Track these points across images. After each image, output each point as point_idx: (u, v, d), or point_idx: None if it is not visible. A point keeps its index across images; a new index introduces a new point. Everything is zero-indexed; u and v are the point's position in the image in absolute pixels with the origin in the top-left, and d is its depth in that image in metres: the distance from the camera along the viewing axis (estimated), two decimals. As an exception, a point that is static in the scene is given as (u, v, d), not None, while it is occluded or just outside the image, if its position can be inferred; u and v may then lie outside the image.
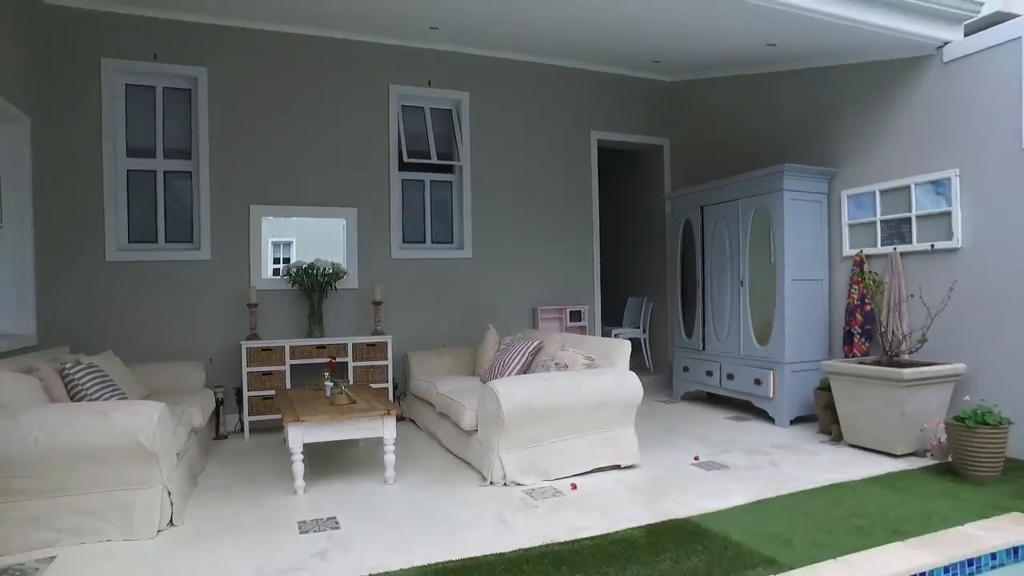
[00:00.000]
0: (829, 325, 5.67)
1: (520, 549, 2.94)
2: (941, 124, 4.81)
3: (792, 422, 5.51)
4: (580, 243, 7.20)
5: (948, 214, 4.72)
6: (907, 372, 4.30)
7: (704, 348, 6.43)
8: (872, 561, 2.75)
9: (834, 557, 2.78)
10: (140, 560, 2.93)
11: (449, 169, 6.76)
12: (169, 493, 3.30)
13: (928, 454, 4.40)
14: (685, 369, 6.70)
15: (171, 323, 5.61)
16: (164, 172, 5.78)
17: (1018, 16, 4.42)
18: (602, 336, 6.87)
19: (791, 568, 2.68)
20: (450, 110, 6.75)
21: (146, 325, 5.52)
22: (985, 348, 4.50)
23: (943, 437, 4.25)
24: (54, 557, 2.94)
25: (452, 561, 2.81)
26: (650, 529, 3.17)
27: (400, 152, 6.40)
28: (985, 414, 3.92)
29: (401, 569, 2.74)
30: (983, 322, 4.52)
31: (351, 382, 5.52)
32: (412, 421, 5.86)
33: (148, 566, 2.86)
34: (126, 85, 5.64)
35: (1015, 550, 2.97)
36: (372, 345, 5.82)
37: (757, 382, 5.71)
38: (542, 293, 6.98)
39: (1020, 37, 4.29)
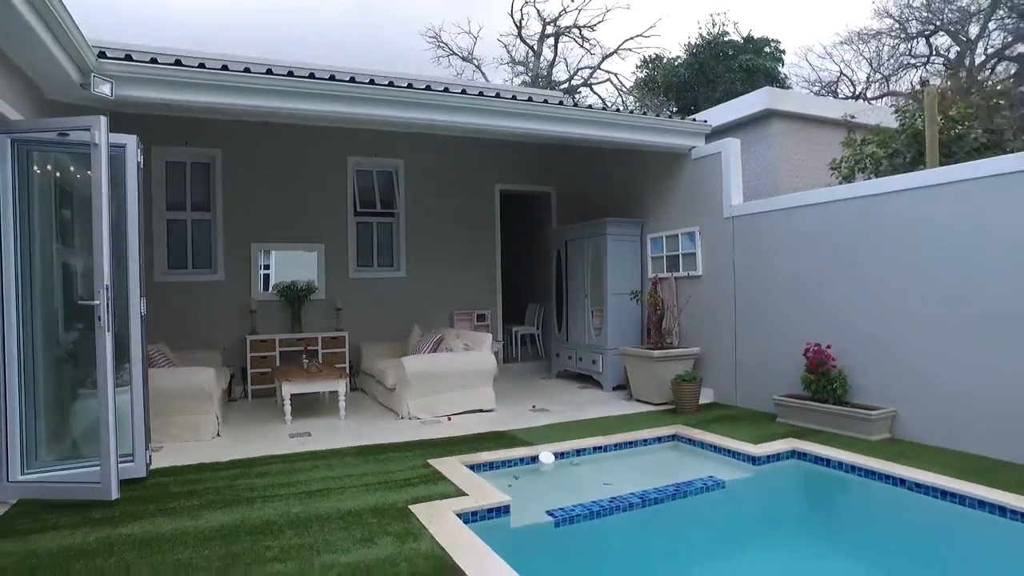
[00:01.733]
0: (640, 324, 8.53)
1: (410, 441, 5.73)
2: (692, 197, 7.70)
3: (614, 388, 8.35)
4: (486, 264, 10.02)
5: (695, 254, 7.61)
6: (656, 353, 7.17)
7: (568, 339, 9.28)
8: (579, 442, 5.58)
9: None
10: (205, 448, 5.66)
11: (390, 214, 9.52)
12: (217, 417, 6.04)
13: (671, 403, 7.28)
14: (558, 355, 9.54)
15: (198, 323, 8.28)
16: (191, 220, 8.46)
17: (779, 113, 7.29)
18: (503, 331, 9.69)
19: (536, 444, 5.50)
20: (391, 172, 9.51)
21: (181, 324, 8.18)
22: (711, 337, 7.40)
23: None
24: (162, 447, 5.65)
25: (369, 445, 5.60)
26: (480, 434, 5.98)
27: (355, 203, 9.14)
28: (688, 376, 6.80)
29: (343, 447, 5.52)
30: (710, 321, 7.42)
31: (320, 361, 8.25)
32: (363, 391, 8.60)
33: (211, 451, 5.59)
34: (165, 162, 8.30)
35: (658, 439, 5.84)
36: (335, 338, 8.56)
37: (594, 362, 8.56)
38: (457, 301, 9.77)
39: (719, 152, 7.19)
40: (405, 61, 28.53)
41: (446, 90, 6.35)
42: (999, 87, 8.70)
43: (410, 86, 6.03)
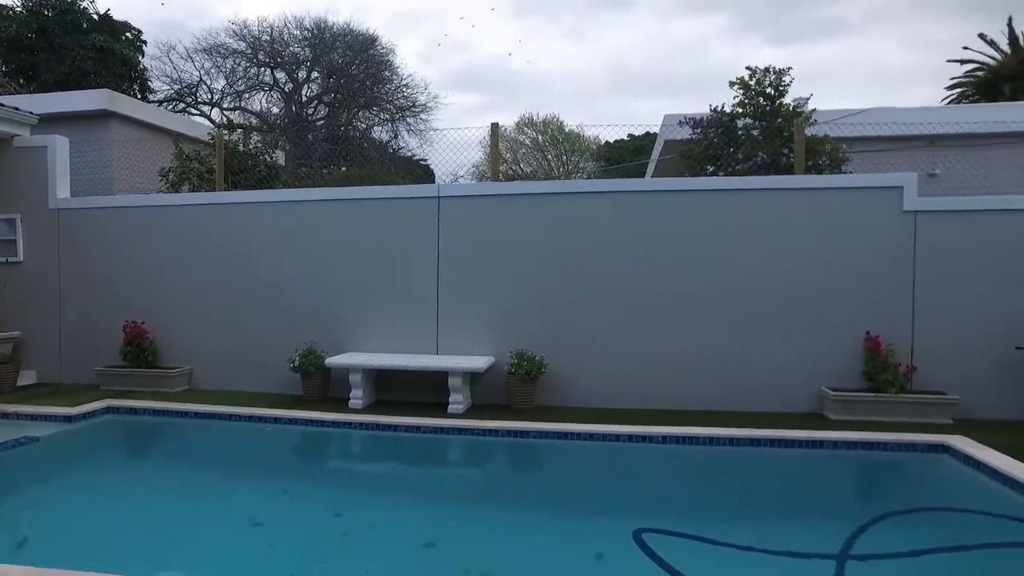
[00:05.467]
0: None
1: None
2: (13, 184, 7.81)
3: None
4: None
5: (15, 240, 7.76)
6: None
7: None
8: None
9: None
10: None
11: None
12: None
13: None
14: None
15: None
16: None
17: (118, 115, 7.87)
18: None
19: None
20: None
21: None
22: (35, 320, 7.74)
23: None
24: None
25: None
26: None
27: None
28: (5, 358, 7.04)
29: None
30: (34, 305, 7.74)
31: None
32: None
33: None
34: None
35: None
36: None
37: None
38: None
39: (46, 147, 7.66)
40: None
41: None
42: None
43: None
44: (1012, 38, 26.04)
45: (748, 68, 8.46)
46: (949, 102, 27.54)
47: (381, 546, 3.73)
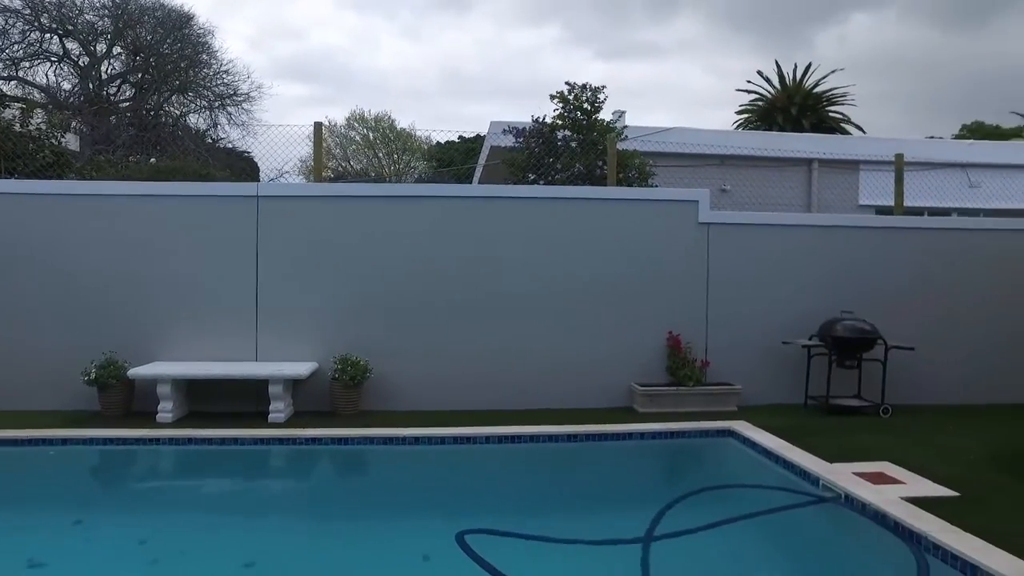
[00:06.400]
0: None
1: None
2: None
3: None
4: None
5: None
6: None
7: None
8: None
9: None
10: None
11: None
12: None
13: None
14: None
15: None
16: None
17: None
18: None
19: None
20: None
21: None
22: None
23: None
24: None
25: None
26: None
27: None
28: None
29: None
30: None
31: None
32: None
33: None
34: None
35: None
36: None
37: None
38: None
39: None
40: None
41: None
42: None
43: None
44: (781, 77, 30.36)
45: (567, 83, 9.02)
46: (738, 125, 31.36)
47: (195, 571, 3.48)
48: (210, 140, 23.51)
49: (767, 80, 30.03)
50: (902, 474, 4.49)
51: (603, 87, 8.92)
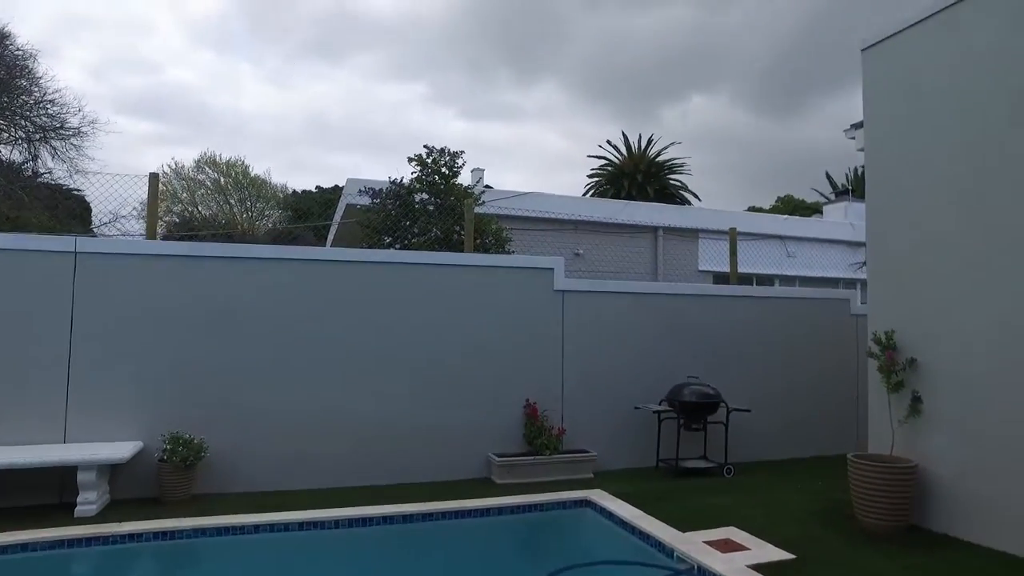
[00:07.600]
0: None
1: None
2: None
3: None
4: None
5: None
6: None
7: None
8: None
9: None
10: None
11: None
12: None
13: None
14: None
15: None
16: None
17: None
18: None
19: None
20: None
21: None
22: None
23: None
24: None
25: None
26: None
27: None
28: None
29: None
30: None
31: None
32: None
33: None
34: None
35: None
36: None
37: None
38: None
39: None
40: None
41: None
42: None
43: None
44: (628, 145, 32.96)
45: (426, 147, 9.03)
46: (589, 187, 33.32)
47: None
48: (31, 172, 20.85)
49: (615, 148, 32.32)
50: (746, 539, 4.70)
51: (462, 152, 9.02)
